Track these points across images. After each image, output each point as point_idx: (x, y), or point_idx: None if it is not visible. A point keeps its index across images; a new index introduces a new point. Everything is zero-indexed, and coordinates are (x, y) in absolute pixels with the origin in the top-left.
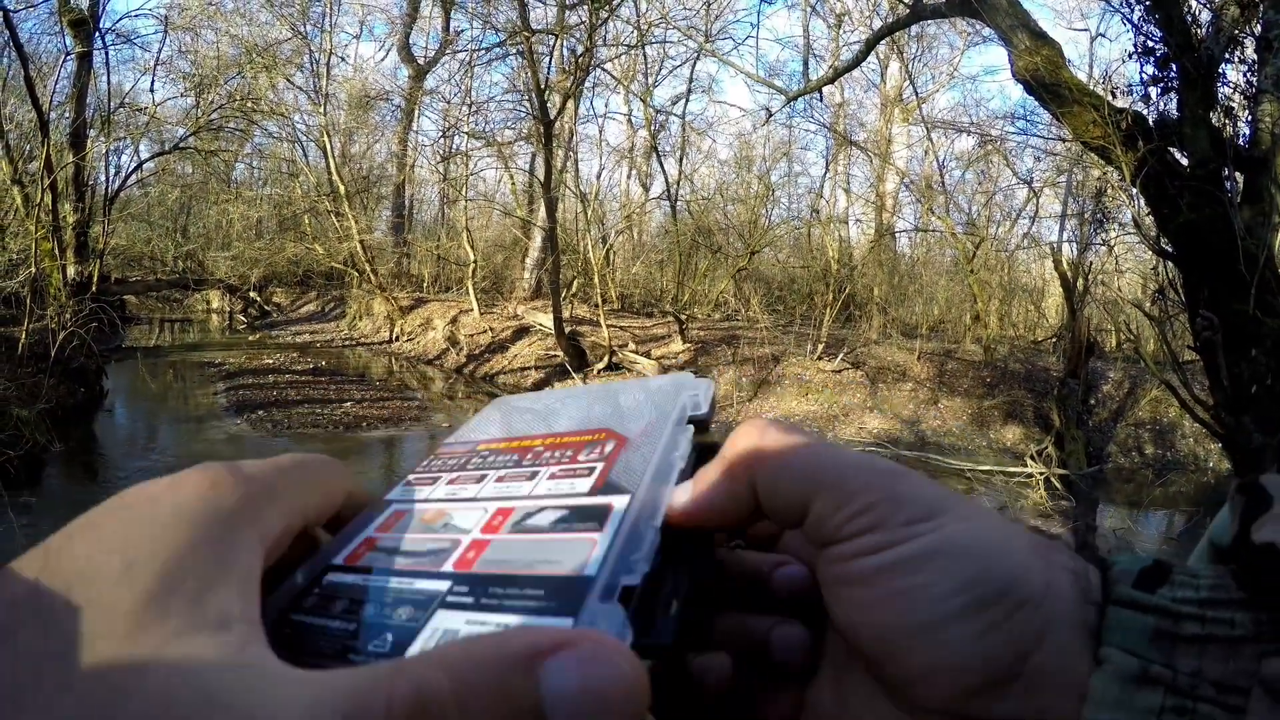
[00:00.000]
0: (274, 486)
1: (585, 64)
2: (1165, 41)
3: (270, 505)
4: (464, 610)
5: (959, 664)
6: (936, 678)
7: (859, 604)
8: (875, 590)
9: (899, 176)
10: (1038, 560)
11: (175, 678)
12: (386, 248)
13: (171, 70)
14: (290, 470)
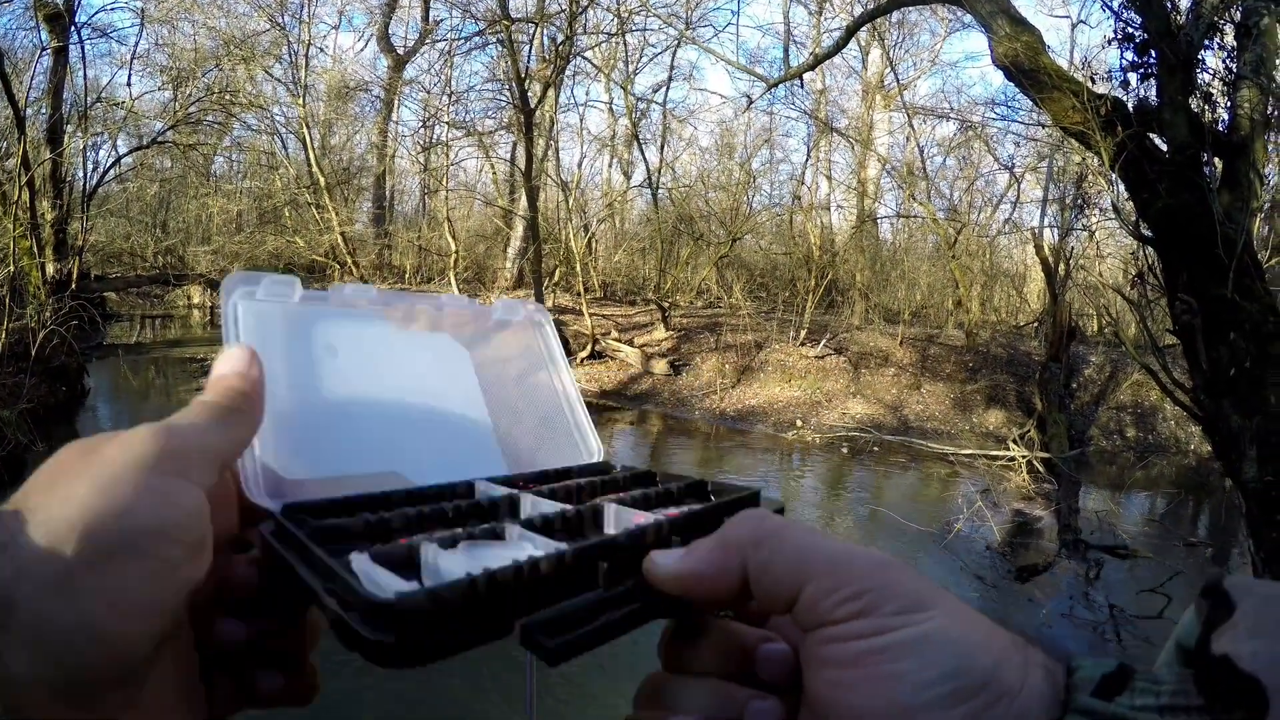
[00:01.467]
0: (197, 435)
1: (565, 52)
2: (1145, 28)
3: (197, 450)
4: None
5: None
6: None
7: (843, 684)
8: (861, 672)
9: (881, 163)
10: (1017, 656)
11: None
12: (368, 239)
13: (148, 64)
14: (206, 421)
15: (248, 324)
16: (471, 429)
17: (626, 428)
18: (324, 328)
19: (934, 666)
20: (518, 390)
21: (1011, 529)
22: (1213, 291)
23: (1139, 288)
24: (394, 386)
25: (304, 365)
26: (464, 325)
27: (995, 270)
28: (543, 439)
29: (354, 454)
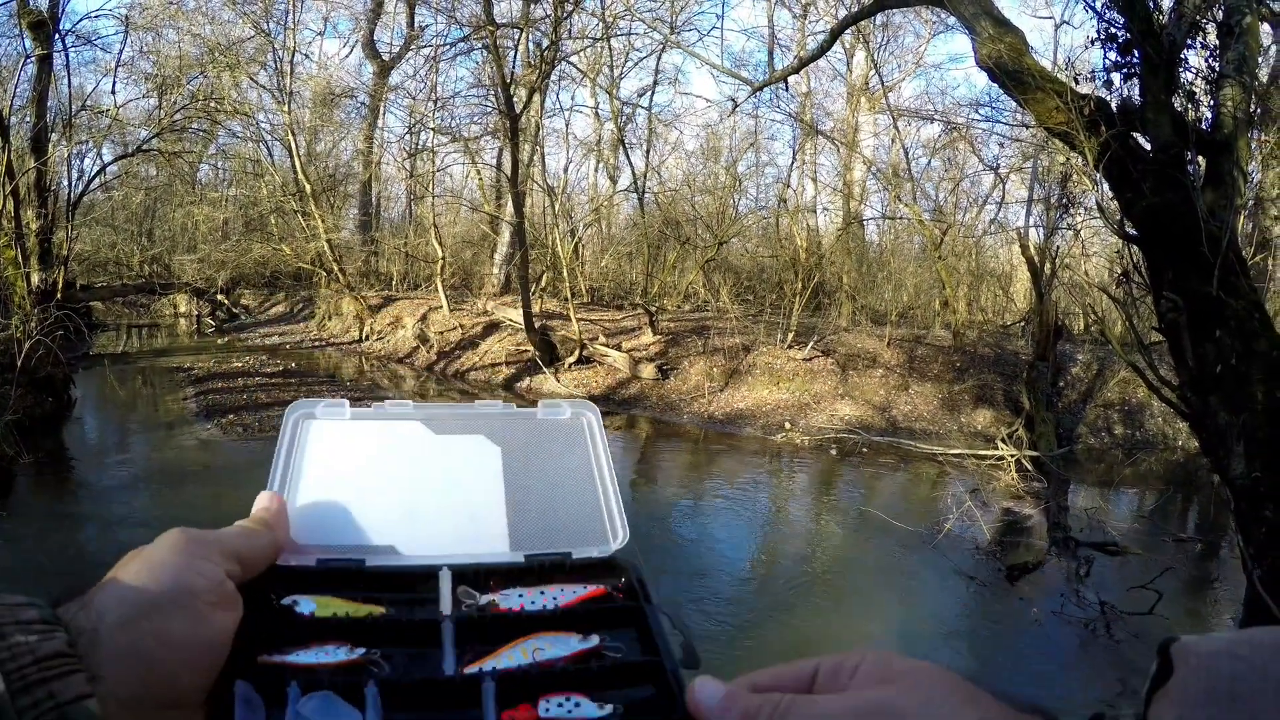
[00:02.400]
0: (219, 536)
1: (550, 57)
2: (1128, 27)
3: (216, 545)
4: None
5: None
6: None
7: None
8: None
9: (866, 165)
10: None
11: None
12: (354, 246)
13: (133, 71)
14: (231, 532)
15: (304, 438)
16: (480, 515)
17: (615, 433)
18: (367, 436)
19: None
20: (548, 481)
21: (1001, 528)
22: (1198, 289)
23: (1124, 286)
24: (415, 479)
25: (341, 465)
26: (499, 427)
27: (981, 270)
28: (565, 523)
29: (361, 531)
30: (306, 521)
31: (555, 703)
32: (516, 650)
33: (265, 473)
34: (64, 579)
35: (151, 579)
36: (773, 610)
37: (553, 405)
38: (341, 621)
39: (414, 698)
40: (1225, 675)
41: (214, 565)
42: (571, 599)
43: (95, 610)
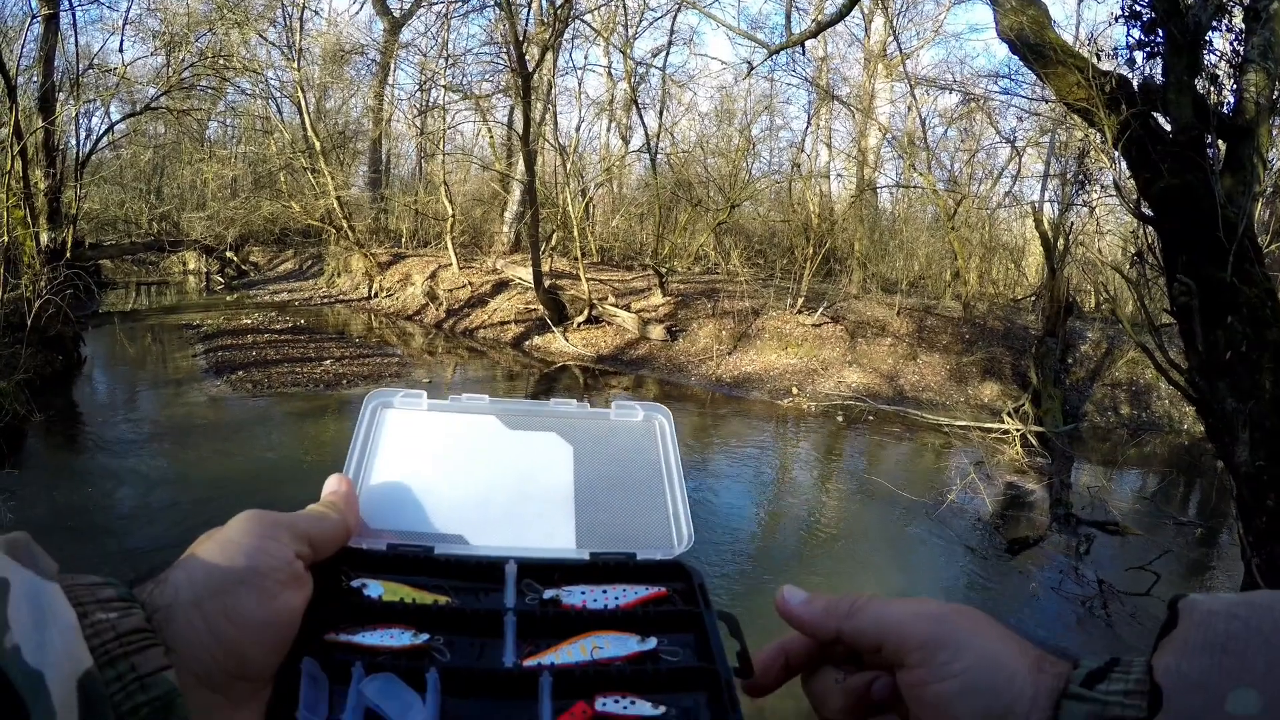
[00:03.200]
0: (289, 518)
1: (564, 15)
2: (1153, 5)
3: (287, 526)
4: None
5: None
6: None
7: (920, 707)
8: (929, 706)
9: (881, 132)
10: (1031, 677)
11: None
12: (364, 203)
13: (140, 29)
14: (302, 514)
15: (380, 426)
16: (549, 511)
17: (622, 393)
18: (442, 427)
19: (973, 709)
20: (617, 481)
21: (1003, 501)
22: (1212, 274)
23: (1138, 266)
24: (487, 472)
25: (415, 454)
26: (572, 425)
27: (994, 243)
28: (631, 524)
29: (432, 519)
30: (378, 507)
31: (611, 700)
32: (576, 646)
33: (273, 428)
34: (139, 561)
35: (224, 558)
36: (771, 574)
37: (626, 407)
38: (407, 607)
39: (473, 686)
40: (1221, 630)
41: (284, 546)
42: (633, 599)
43: (171, 587)
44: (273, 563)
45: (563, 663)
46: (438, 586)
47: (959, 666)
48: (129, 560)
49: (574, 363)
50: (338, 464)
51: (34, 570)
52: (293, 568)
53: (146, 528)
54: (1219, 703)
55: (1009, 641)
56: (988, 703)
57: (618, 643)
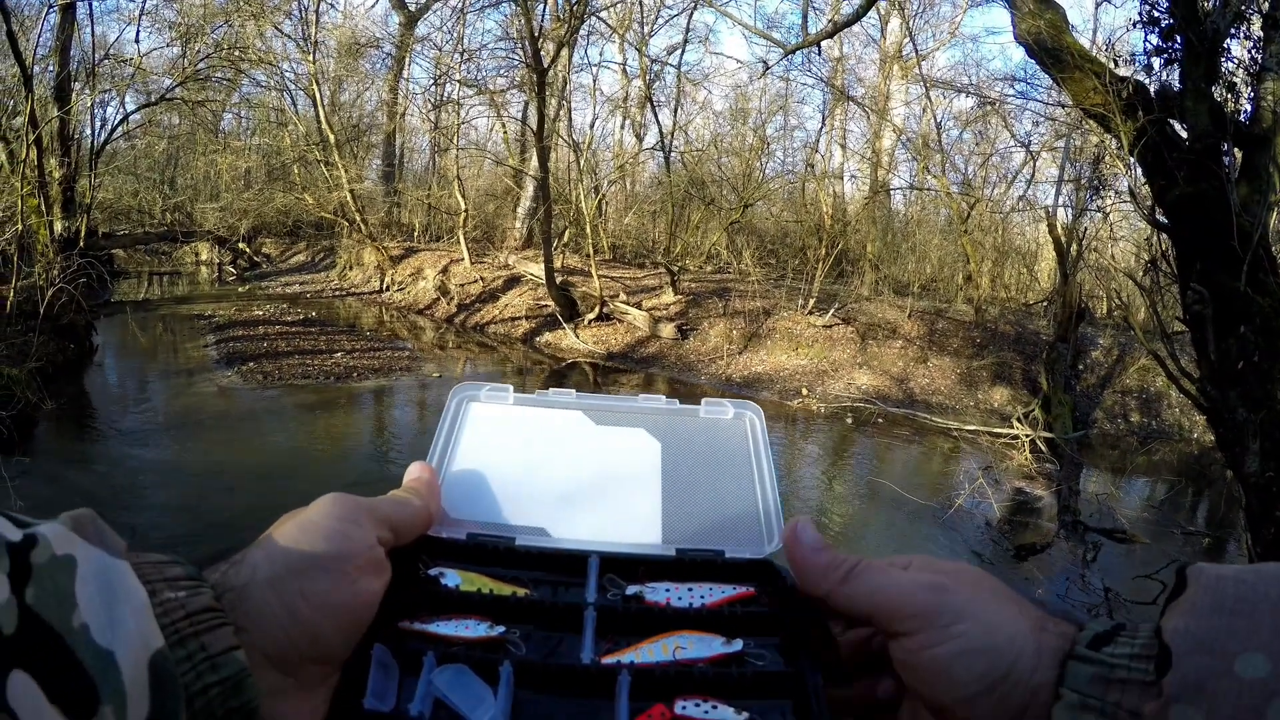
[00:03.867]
0: (371, 503)
1: (580, 12)
2: (1171, 12)
3: (368, 511)
4: None
5: (981, 717)
6: (965, 719)
7: (916, 679)
8: (927, 673)
9: (896, 134)
10: (1034, 637)
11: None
12: (377, 197)
13: (156, 20)
14: (384, 500)
15: (465, 419)
16: (634, 506)
17: (631, 391)
18: (527, 421)
19: (972, 671)
20: (706, 478)
21: (1011, 507)
22: (1226, 283)
23: (1151, 274)
24: (572, 466)
25: (499, 446)
26: (660, 422)
27: (1007, 247)
28: (720, 521)
29: (514, 510)
30: (459, 496)
31: (692, 704)
32: (657, 645)
33: (284, 419)
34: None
35: (304, 540)
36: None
37: (716, 405)
38: (484, 597)
39: (547, 682)
40: (1230, 594)
41: (365, 530)
42: (719, 598)
43: (248, 567)
44: (354, 547)
45: (643, 662)
46: (516, 578)
47: (957, 629)
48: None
49: (584, 359)
50: (348, 455)
51: (102, 547)
52: (373, 553)
53: (157, 516)
54: (1228, 665)
55: (1009, 603)
56: (988, 664)
57: (701, 643)
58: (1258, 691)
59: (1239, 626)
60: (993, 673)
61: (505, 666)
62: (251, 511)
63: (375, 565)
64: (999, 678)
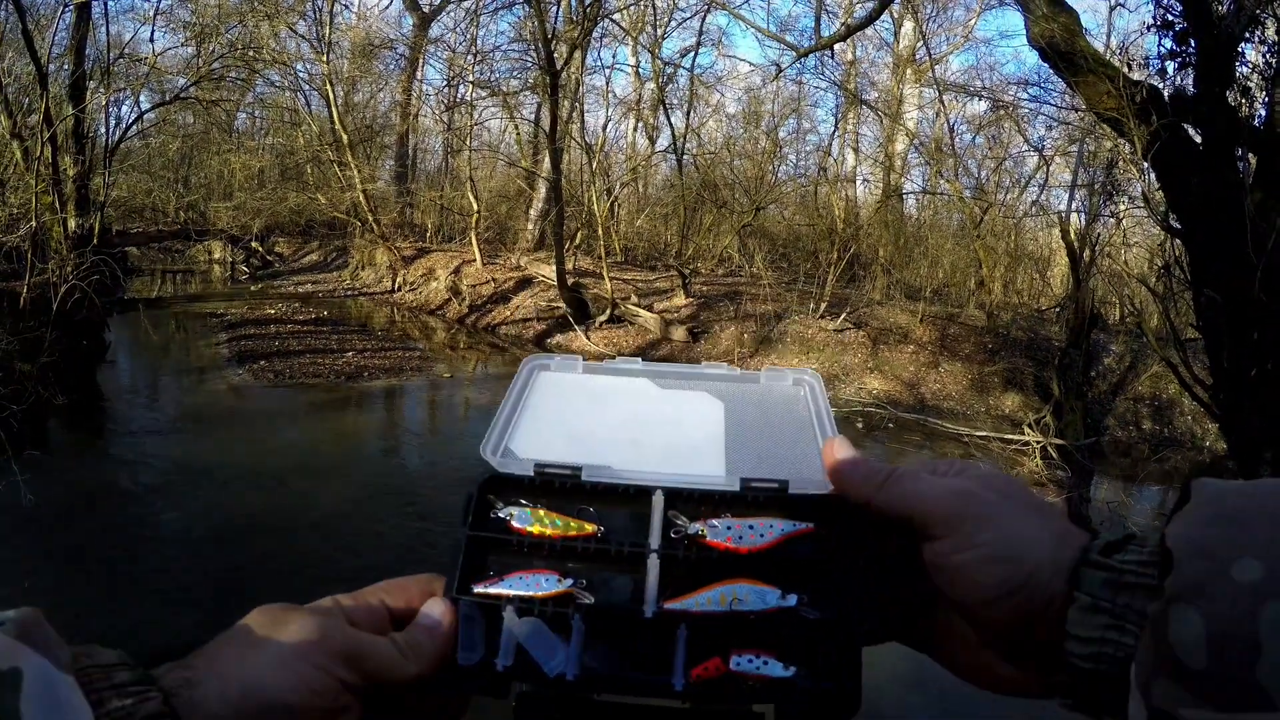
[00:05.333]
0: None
1: (593, 14)
2: (1185, 16)
3: (356, 659)
4: None
5: (1001, 618)
6: (987, 619)
7: (944, 581)
8: (953, 575)
9: (909, 137)
10: (1053, 546)
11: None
12: (389, 197)
13: (171, 20)
14: (368, 642)
15: (534, 386)
16: (699, 449)
17: None
18: (596, 385)
19: (993, 578)
20: (769, 429)
21: None
22: (1240, 289)
23: (1164, 280)
24: (638, 420)
25: (567, 407)
26: (723, 387)
27: (1020, 252)
28: (784, 461)
29: (580, 450)
30: (527, 441)
31: (746, 659)
32: (716, 594)
33: (294, 418)
34: (155, 643)
35: (261, 680)
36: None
37: (776, 372)
38: (553, 547)
39: (613, 631)
40: (1230, 505)
41: (329, 679)
42: (778, 535)
43: (192, 701)
44: (314, 700)
45: (701, 610)
46: (582, 512)
47: (982, 538)
48: (140, 549)
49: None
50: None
51: (48, 656)
52: (336, 703)
53: (166, 512)
54: (1225, 569)
55: (1034, 512)
56: (1009, 571)
57: (757, 595)
58: (1251, 594)
59: (1236, 534)
60: (1012, 580)
61: (576, 619)
62: (262, 510)
63: (335, 714)
64: (1018, 584)
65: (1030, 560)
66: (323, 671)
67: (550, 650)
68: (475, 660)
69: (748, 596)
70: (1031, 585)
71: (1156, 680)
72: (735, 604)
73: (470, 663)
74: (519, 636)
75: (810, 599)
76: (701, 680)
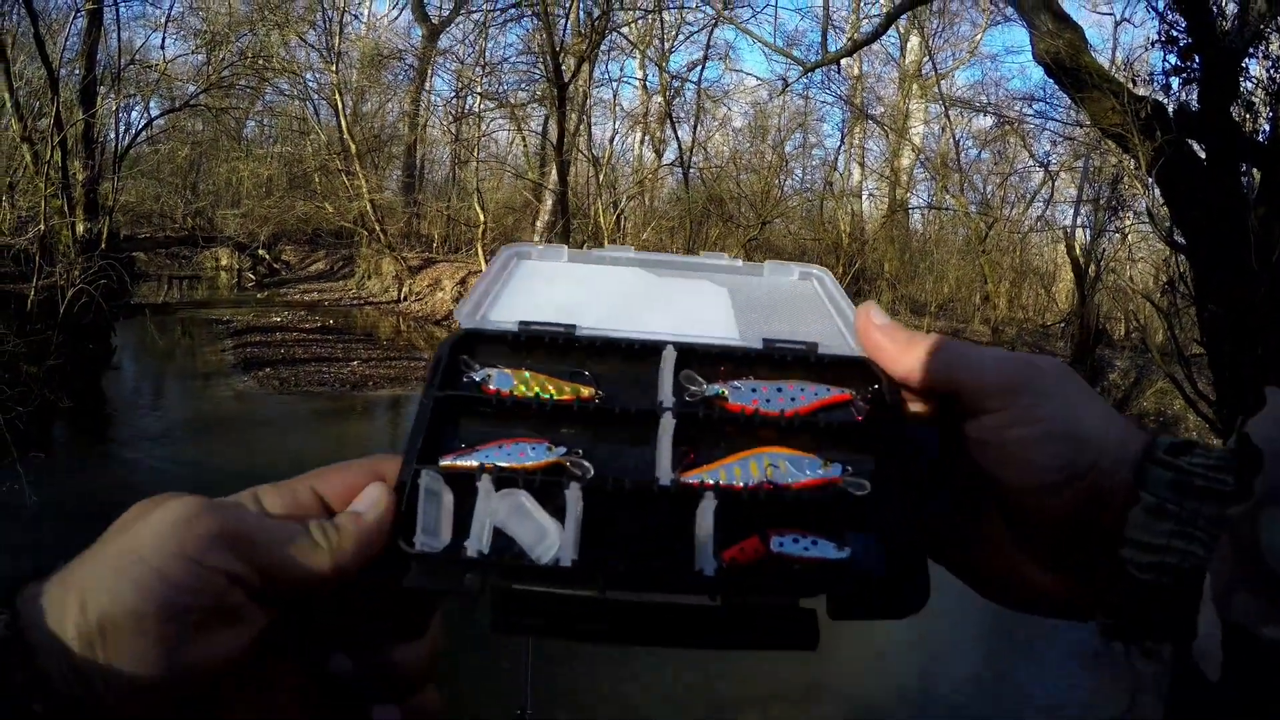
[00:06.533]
0: (239, 527)
1: (601, 27)
2: (1189, 32)
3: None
4: None
5: (1058, 507)
6: (1039, 509)
7: (992, 460)
8: (1006, 454)
9: (914, 152)
10: (1116, 439)
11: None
12: (396, 207)
13: (182, 27)
14: (274, 528)
15: (514, 273)
16: (708, 313)
17: None
18: (584, 273)
19: (1055, 458)
20: (781, 316)
21: None
22: (1243, 303)
23: (1169, 295)
24: (635, 302)
25: (552, 292)
26: (724, 276)
27: (1025, 267)
28: (808, 323)
29: (572, 309)
30: (507, 310)
31: (790, 539)
32: (746, 463)
33: (299, 426)
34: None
35: (96, 586)
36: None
37: (780, 265)
38: (541, 406)
39: (620, 507)
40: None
41: (201, 569)
42: (813, 401)
43: (36, 616)
44: (179, 599)
45: (730, 483)
46: (577, 375)
47: (1044, 412)
48: None
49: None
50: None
51: None
52: (217, 601)
53: None
54: None
55: (1095, 400)
56: (1072, 453)
57: (796, 464)
58: None
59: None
60: (1077, 463)
61: (571, 489)
62: None
63: (225, 617)
64: (1083, 469)
65: (1095, 445)
66: (193, 562)
67: (539, 533)
68: (436, 547)
69: (784, 465)
70: (1095, 474)
71: (1237, 593)
72: (770, 473)
73: (431, 550)
74: (498, 516)
75: (856, 471)
76: (737, 565)
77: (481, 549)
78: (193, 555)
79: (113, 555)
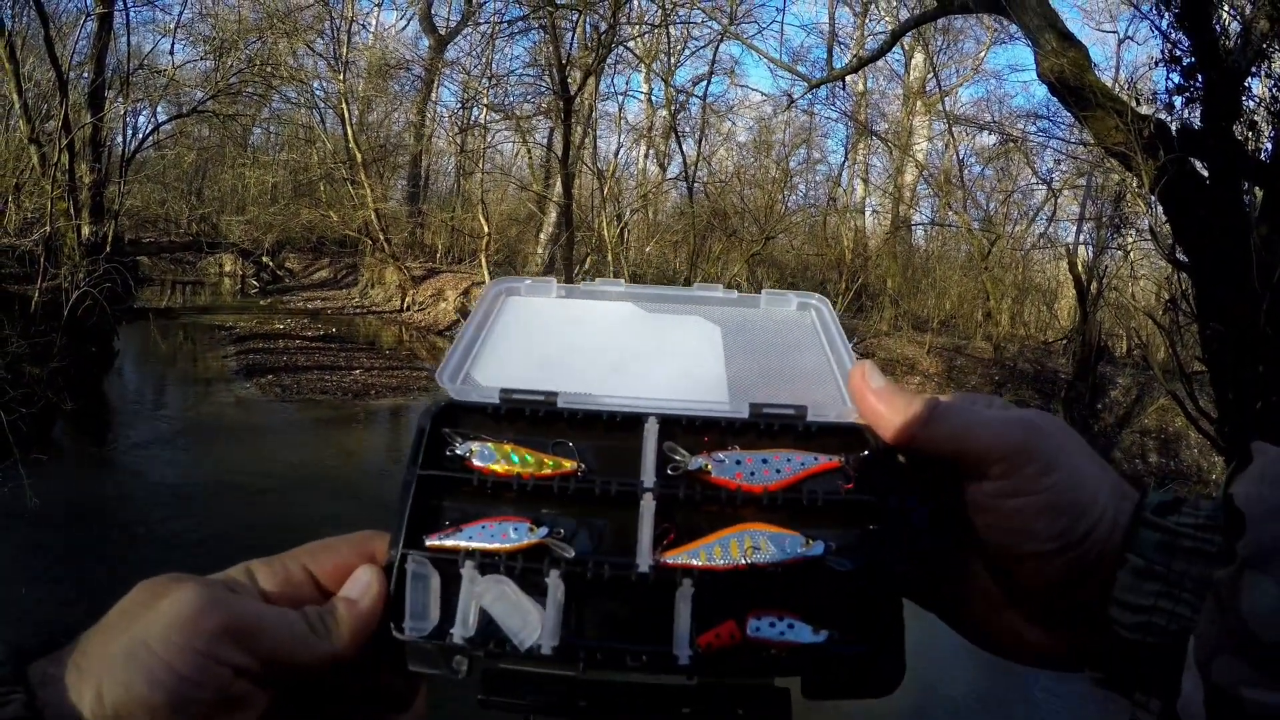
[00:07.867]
0: (242, 621)
1: (608, 41)
2: (1193, 51)
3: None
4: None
5: (1052, 573)
6: (1033, 574)
7: (992, 526)
8: (1005, 521)
9: (918, 169)
10: (1112, 503)
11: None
12: (401, 217)
13: (191, 33)
14: (274, 617)
15: (503, 311)
16: (696, 371)
17: None
18: (573, 312)
19: (1054, 528)
20: (775, 352)
21: None
22: (1245, 321)
23: (1171, 313)
24: (624, 345)
25: (540, 333)
26: (717, 311)
27: (1027, 284)
28: (796, 384)
29: (555, 375)
30: (491, 370)
31: (766, 622)
32: (726, 542)
33: (299, 433)
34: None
35: (136, 674)
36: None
37: (778, 294)
38: (523, 487)
39: (599, 591)
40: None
41: (209, 662)
42: (799, 471)
43: (55, 698)
44: (189, 693)
45: (709, 564)
46: (560, 444)
47: (1047, 482)
48: (140, 553)
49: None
50: (363, 472)
51: None
52: (223, 693)
53: (167, 518)
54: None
55: (1093, 462)
56: (1069, 523)
57: (777, 543)
58: None
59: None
60: (1073, 532)
61: (553, 577)
62: (263, 522)
63: (229, 705)
64: (1078, 537)
65: (1094, 513)
66: (200, 656)
67: (522, 617)
68: (425, 631)
69: (765, 544)
70: (1090, 541)
71: (1220, 655)
72: (750, 554)
73: (420, 634)
74: (481, 600)
75: (839, 547)
76: (712, 650)
77: (467, 634)
78: (201, 650)
79: (125, 645)
